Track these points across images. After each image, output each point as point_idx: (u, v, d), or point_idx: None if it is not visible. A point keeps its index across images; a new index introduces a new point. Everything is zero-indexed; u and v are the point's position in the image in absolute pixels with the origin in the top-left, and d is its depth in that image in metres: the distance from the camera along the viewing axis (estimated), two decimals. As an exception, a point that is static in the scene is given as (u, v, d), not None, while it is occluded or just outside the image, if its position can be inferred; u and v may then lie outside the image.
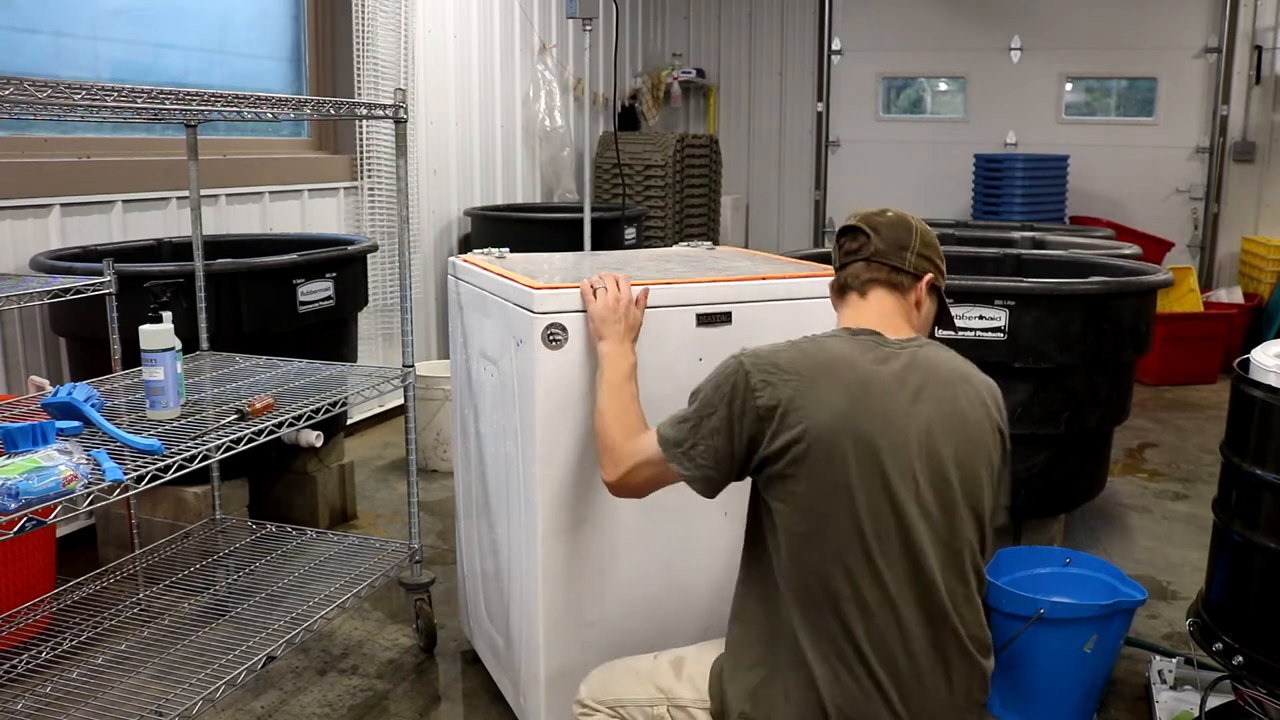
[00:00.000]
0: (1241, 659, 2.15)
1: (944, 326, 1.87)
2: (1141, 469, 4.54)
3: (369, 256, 3.87)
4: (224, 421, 2.21)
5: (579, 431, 2.11)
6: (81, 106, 2.13)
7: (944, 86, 7.92)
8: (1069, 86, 7.41)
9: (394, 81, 4.68)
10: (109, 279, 2.63)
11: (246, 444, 2.15)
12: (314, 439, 3.47)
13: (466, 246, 5.52)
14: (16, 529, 1.63)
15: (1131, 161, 7.16)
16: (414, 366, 2.78)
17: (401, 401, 2.86)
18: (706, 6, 8.15)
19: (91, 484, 1.77)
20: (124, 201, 3.67)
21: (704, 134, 7.47)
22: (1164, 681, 2.54)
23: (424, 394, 4.20)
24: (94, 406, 2.11)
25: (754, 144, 8.17)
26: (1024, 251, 4.28)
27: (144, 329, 2.26)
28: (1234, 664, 2.17)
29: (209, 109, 2.39)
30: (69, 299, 2.55)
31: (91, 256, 3.29)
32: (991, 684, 1.74)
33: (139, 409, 2.29)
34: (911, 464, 1.60)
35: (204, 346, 2.99)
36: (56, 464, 1.71)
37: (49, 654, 2.37)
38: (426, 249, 5.29)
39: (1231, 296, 6.61)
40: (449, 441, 4.15)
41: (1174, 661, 2.57)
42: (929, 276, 1.78)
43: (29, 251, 3.31)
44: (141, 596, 2.68)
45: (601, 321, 2.01)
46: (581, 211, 4.60)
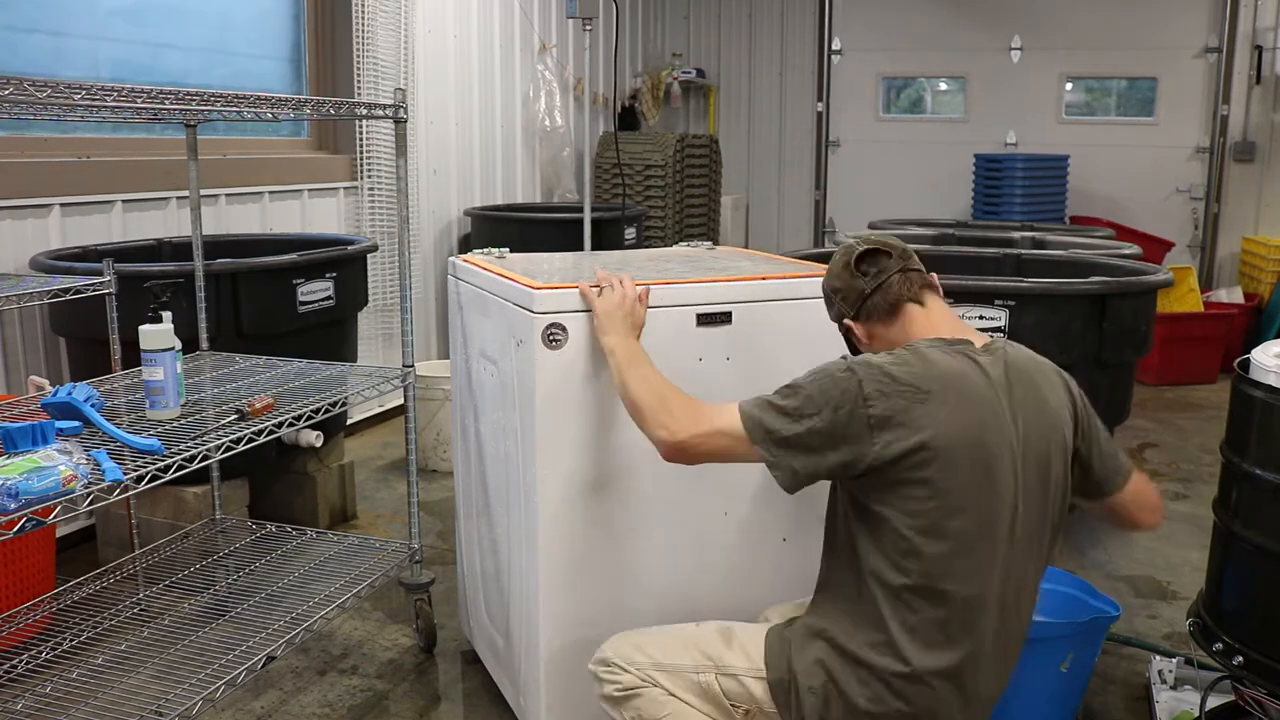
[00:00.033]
0: (1241, 659, 2.15)
1: None
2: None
3: (369, 256, 3.87)
4: (224, 421, 2.21)
5: (579, 431, 2.11)
6: (81, 106, 2.13)
7: (944, 86, 7.92)
8: (1069, 86, 7.41)
9: (394, 81, 4.68)
10: (109, 279, 2.63)
11: (246, 444, 2.14)
12: (314, 439, 3.47)
13: (466, 246, 5.51)
14: (16, 529, 1.63)
15: (1131, 161, 7.16)
16: (414, 366, 2.78)
17: (401, 401, 2.86)
18: (706, 6, 8.15)
19: (91, 484, 1.77)
20: (124, 201, 3.67)
21: (704, 134, 7.47)
22: (1164, 681, 2.54)
23: (424, 394, 4.20)
24: (94, 406, 2.11)
25: (754, 144, 8.17)
26: (1024, 251, 4.28)
27: (144, 329, 2.26)
28: (1234, 664, 2.17)
29: (209, 109, 2.38)
30: (69, 299, 2.55)
31: (91, 256, 3.29)
32: None
33: (139, 409, 2.29)
34: (1019, 469, 1.67)
35: (204, 346, 2.99)
36: (56, 464, 1.71)
37: (49, 654, 2.37)
38: (426, 249, 5.29)
39: (1231, 296, 6.61)
40: (449, 441, 4.15)
41: (1174, 661, 2.57)
42: (934, 274, 1.87)
43: (29, 251, 3.31)
44: (141, 596, 2.68)
45: (607, 317, 2.00)
46: (581, 211, 4.60)
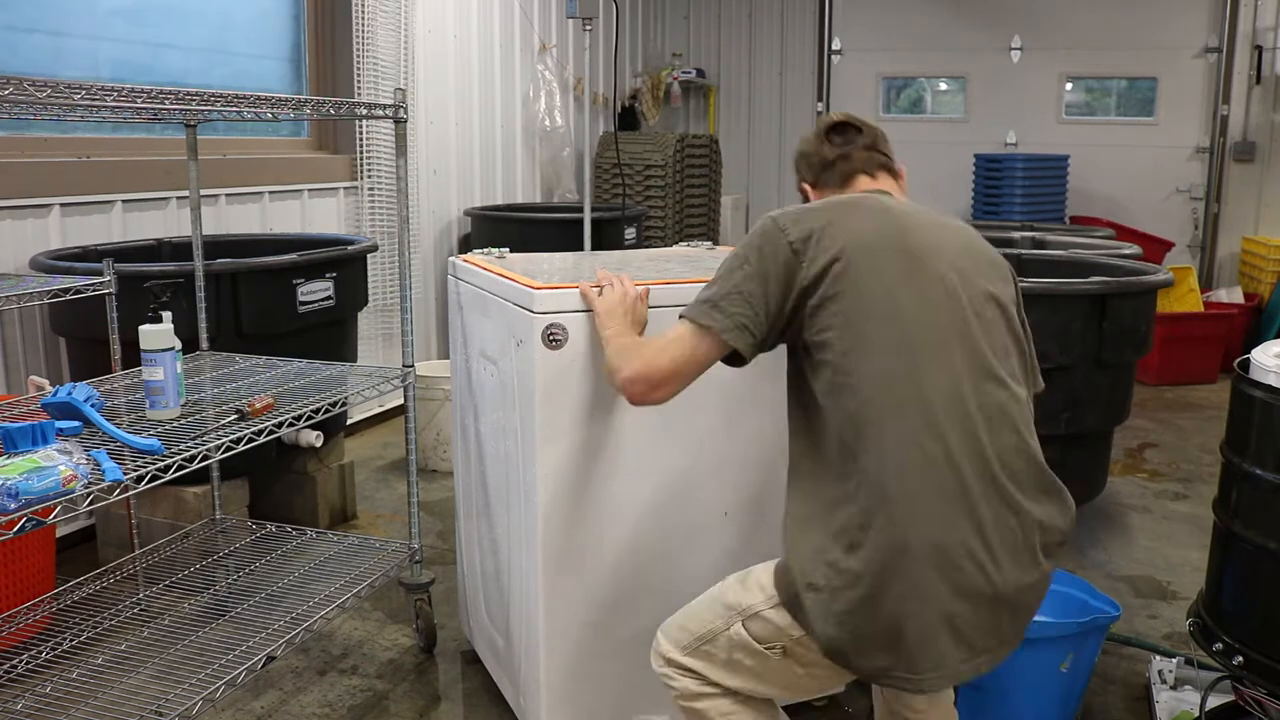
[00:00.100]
0: (1241, 659, 2.15)
1: None
2: (1141, 469, 4.54)
3: (369, 256, 3.87)
4: (224, 421, 2.21)
5: (579, 431, 2.11)
6: (81, 106, 2.13)
7: (944, 86, 7.92)
8: (1069, 86, 7.41)
9: (394, 81, 4.68)
10: (109, 279, 2.63)
11: (246, 444, 2.14)
12: (314, 439, 3.47)
13: (466, 246, 5.51)
14: (16, 529, 1.63)
15: (1131, 161, 7.16)
16: (414, 366, 2.78)
17: (401, 401, 2.86)
18: (706, 6, 8.15)
19: (91, 484, 1.76)
20: (124, 201, 3.67)
21: (704, 134, 7.47)
22: (1164, 681, 2.54)
23: (424, 394, 4.20)
24: (94, 406, 2.11)
25: (754, 144, 8.17)
26: (1024, 251, 4.28)
27: (144, 329, 2.26)
28: (1234, 664, 2.17)
29: (209, 109, 2.38)
30: (69, 299, 2.55)
31: (91, 256, 3.29)
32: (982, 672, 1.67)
33: (139, 409, 2.29)
34: (955, 277, 1.68)
35: (204, 346, 2.99)
36: (56, 464, 1.71)
37: (49, 654, 2.37)
38: (426, 249, 5.29)
39: (1231, 296, 6.61)
40: (449, 441, 4.15)
41: (1174, 661, 2.57)
42: (904, 167, 1.98)
43: (29, 251, 3.31)
44: (141, 596, 2.68)
45: (609, 314, 2.00)
46: (581, 211, 4.60)
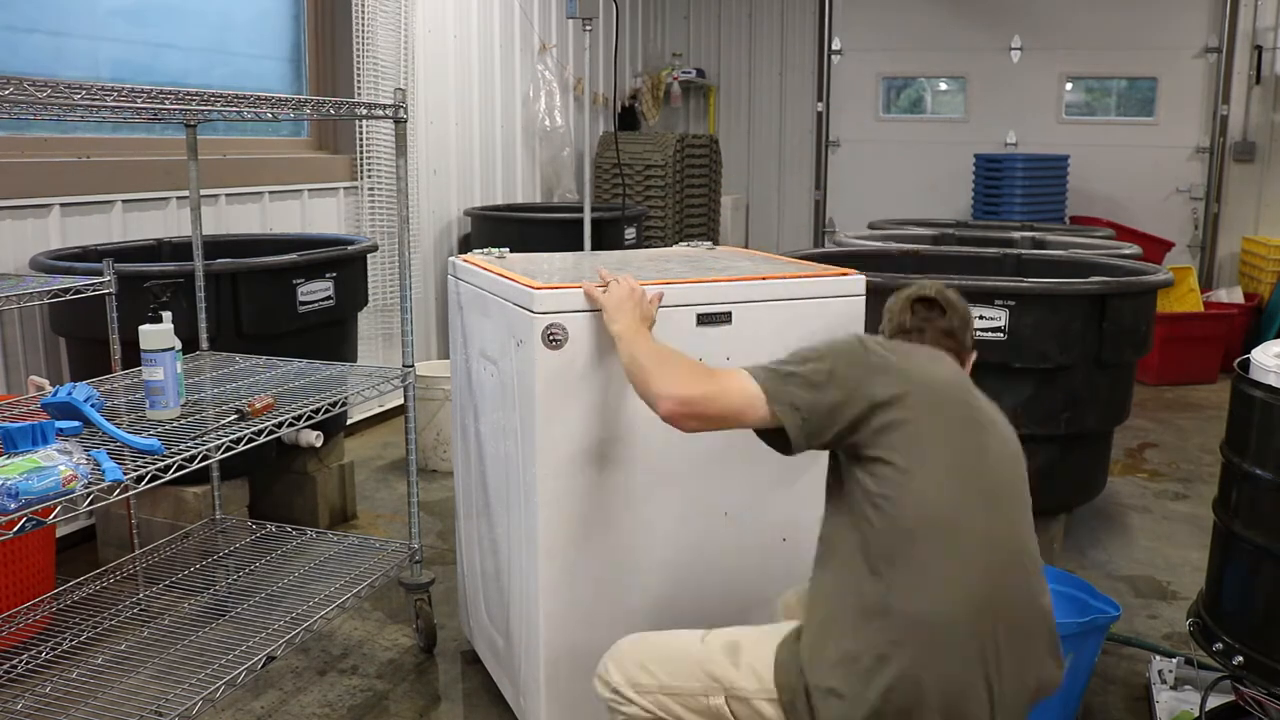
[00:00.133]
0: (1241, 659, 2.15)
1: None
2: (1141, 469, 4.54)
3: (369, 256, 3.87)
4: (224, 421, 2.21)
5: (579, 431, 2.11)
6: (81, 106, 2.13)
7: (944, 86, 7.92)
8: (1069, 86, 7.41)
9: (394, 81, 4.68)
10: (109, 279, 2.63)
11: (246, 444, 2.14)
12: (314, 439, 3.47)
13: (466, 246, 5.51)
14: (16, 529, 1.63)
15: (1131, 161, 7.16)
16: (414, 366, 2.78)
17: (401, 401, 2.86)
18: (706, 6, 8.15)
19: (91, 484, 1.77)
20: (124, 201, 3.67)
21: (704, 134, 7.47)
22: (1164, 681, 2.54)
23: (424, 394, 4.20)
24: (94, 406, 2.11)
25: (754, 144, 8.17)
26: (1024, 251, 4.28)
27: (144, 329, 2.26)
28: (1234, 664, 2.17)
29: (209, 109, 2.39)
30: (69, 299, 2.55)
31: (91, 256, 3.29)
32: None
33: (139, 409, 2.29)
34: (994, 434, 1.73)
35: (204, 346, 2.99)
36: (56, 464, 1.71)
37: (49, 654, 2.37)
38: (426, 249, 5.29)
39: (1231, 296, 6.61)
40: (449, 441, 4.15)
41: (1174, 661, 2.57)
42: (975, 354, 1.93)
43: (29, 251, 3.31)
44: (141, 596, 2.68)
45: (617, 309, 1.99)
46: (581, 211, 4.60)
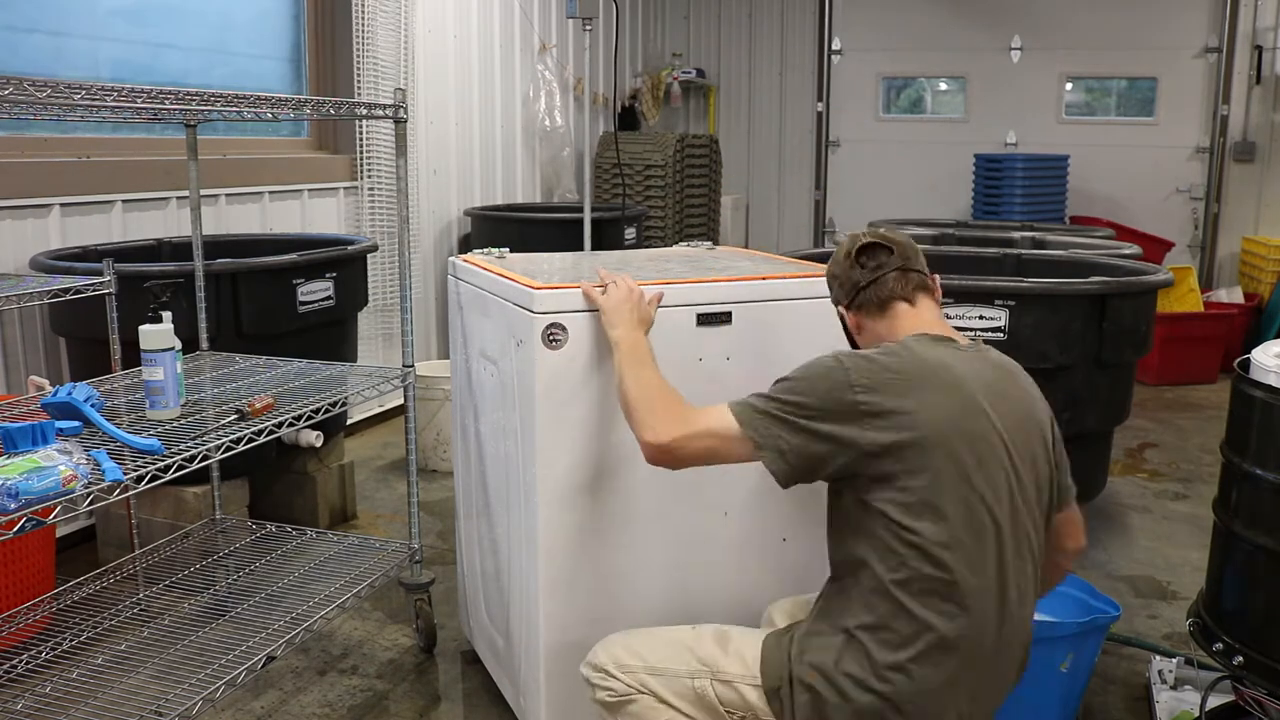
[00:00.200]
0: (1241, 659, 2.15)
1: None
2: (1141, 469, 4.54)
3: (369, 256, 3.87)
4: (224, 421, 2.21)
5: (579, 431, 2.11)
6: (81, 106, 2.13)
7: (944, 86, 7.92)
8: (1069, 86, 7.41)
9: (394, 81, 4.68)
10: (109, 279, 2.63)
11: (246, 444, 2.14)
12: (314, 439, 3.47)
13: (466, 246, 5.51)
14: (16, 529, 1.63)
15: (1131, 161, 7.16)
16: (414, 366, 2.78)
17: (401, 401, 2.86)
18: (706, 6, 8.15)
19: (91, 484, 1.76)
20: (124, 201, 3.67)
21: (704, 134, 7.47)
22: (1164, 681, 2.54)
23: (424, 394, 4.20)
24: (94, 406, 2.11)
25: (754, 144, 8.17)
26: (1024, 251, 4.28)
27: (144, 329, 2.26)
28: (1234, 664, 2.17)
29: (209, 109, 2.38)
30: (69, 299, 2.55)
31: (91, 256, 3.29)
32: None
33: (139, 409, 2.29)
34: (1009, 457, 1.68)
35: (204, 346, 2.99)
36: (56, 464, 1.71)
37: (49, 654, 2.37)
38: (426, 249, 5.29)
39: (1231, 296, 6.61)
40: (449, 441, 4.15)
41: (1174, 661, 2.57)
42: (938, 277, 1.90)
43: (29, 251, 3.31)
44: (141, 596, 2.68)
45: (615, 312, 2.00)
46: (581, 211, 4.60)
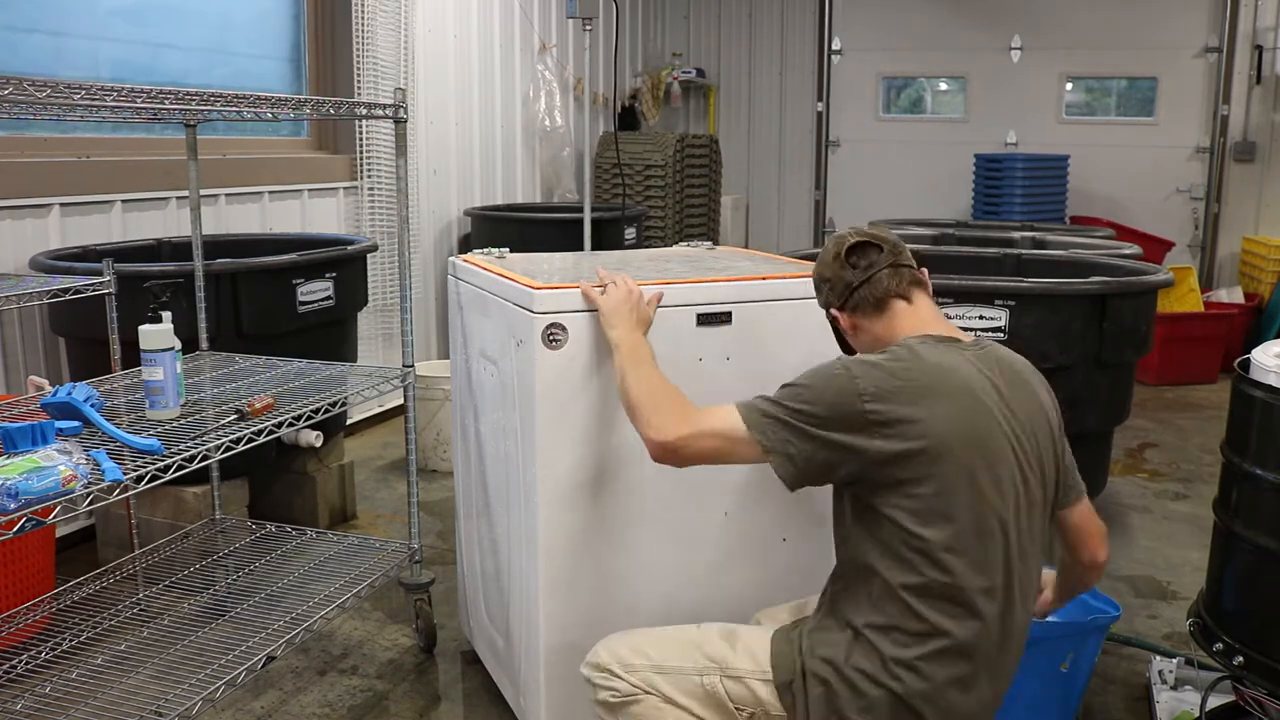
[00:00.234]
0: (1242, 659, 2.15)
1: None
2: (1141, 469, 4.54)
3: (369, 256, 3.87)
4: (224, 421, 2.21)
5: (579, 431, 2.11)
6: (81, 106, 2.13)
7: (944, 86, 7.92)
8: (1069, 86, 7.41)
9: (394, 81, 4.68)
10: (108, 279, 2.63)
11: (246, 444, 2.14)
12: (314, 439, 3.47)
13: (466, 246, 5.51)
14: (16, 529, 1.63)
15: (1132, 161, 7.16)
16: (414, 366, 2.78)
17: (401, 401, 2.86)
18: (706, 6, 8.15)
19: (91, 484, 1.76)
20: (123, 201, 3.67)
21: (704, 134, 7.47)
22: (1164, 681, 2.54)
23: (424, 394, 4.19)
24: (93, 406, 2.10)
25: (754, 144, 8.16)
26: (1024, 251, 4.28)
27: (143, 329, 2.26)
28: (1234, 664, 2.17)
29: (208, 109, 2.39)
30: (69, 299, 2.55)
31: (91, 256, 3.29)
32: None
33: (139, 409, 2.29)
34: (1018, 462, 1.68)
35: (204, 346, 2.99)
36: (56, 464, 1.71)
37: (49, 654, 2.37)
38: (426, 249, 5.29)
39: (1232, 296, 6.61)
40: (449, 441, 4.15)
41: (1174, 661, 2.57)
42: (926, 270, 1.89)
43: (28, 251, 3.31)
44: (141, 596, 2.67)
45: (614, 313, 2.00)
46: (581, 211, 4.60)
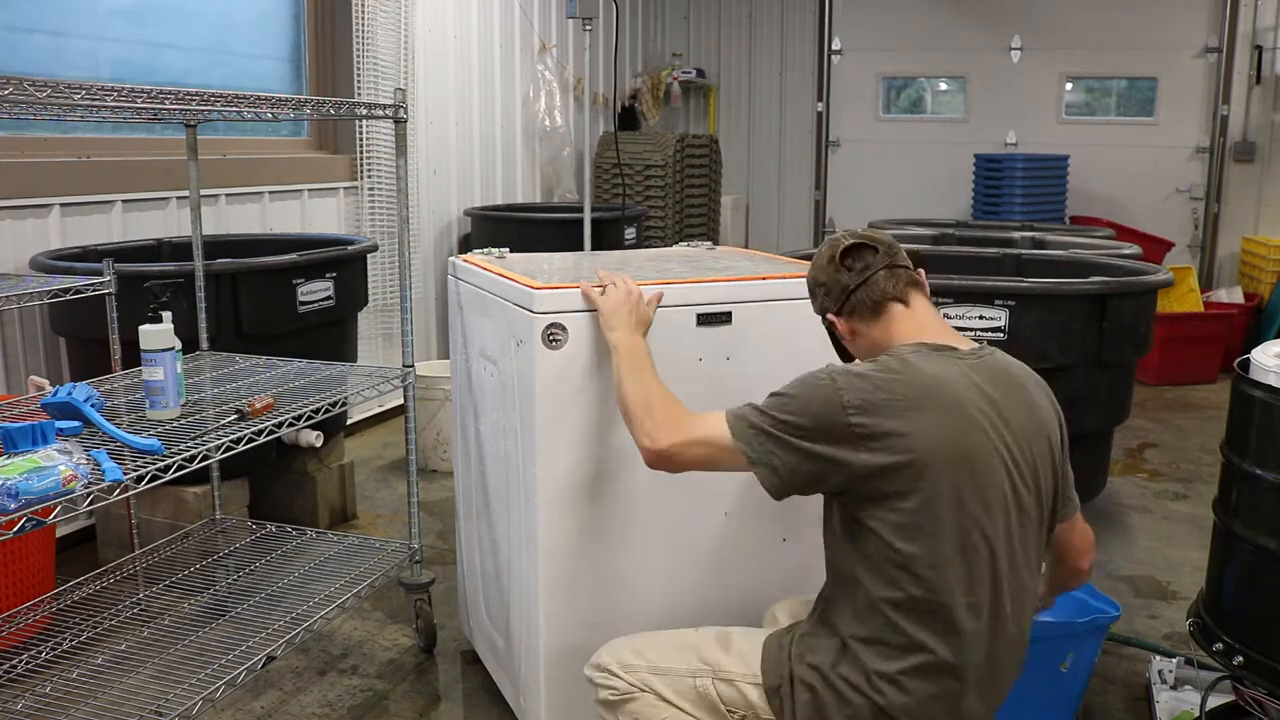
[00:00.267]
0: (1241, 659, 2.15)
1: None
2: (1141, 469, 4.54)
3: (369, 256, 3.87)
4: (224, 421, 2.21)
5: (579, 431, 2.11)
6: (81, 106, 2.13)
7: (944, 86, 7.92)
8: (1069, 86, 7.41)
9: (394, 81, 4.68)
10: (109, 279, 2.63)
11: (246, 444, 2.14)
12: (314, 439, 3.47)
13: (466, 246, 5.51)
14: (16, 529, 1.63)
15: (1131, 161, 7.17)
16: (414, 366, 2.78)
17: (401, 401, 2.86)
18: (706, 6, 8.15)
19: (91, 484, 1.76)
20: (124, 201, 3.67)
21: (704, 134, 7.47)
22: (1164, 681, 2.54)
23: (424, 394, 4.19)
24: (94, 406, 2.10)
25: (754, 144, 8.17)
26: (1024, 251, 4.29)
27: (144, 329, 2.26)
28: (1234, 664, 2.17)
29: (209, 109, 2.38)
30: (69, 299, 2.55)
31: (91, 256, 3.29)
32: None
33: (139, 409, 2.29)
34: (1011, 475, 1.64)
35: (204, 346, 2.99)
36: (56, 464, 1.71)
37: (49, 654, 2.37)
38: (426, 249, 5.29)
39: (1231, 296, 6.61)
40: (449, 441, 4.15)
41: (1174, 661, 2.57)
42: (923, 270, 1.86)
43: (29, 251, 3.31)
44: (141, 596, 2.67)
45: (613, 314, 2.00)
46: (581, 211, 4.60)
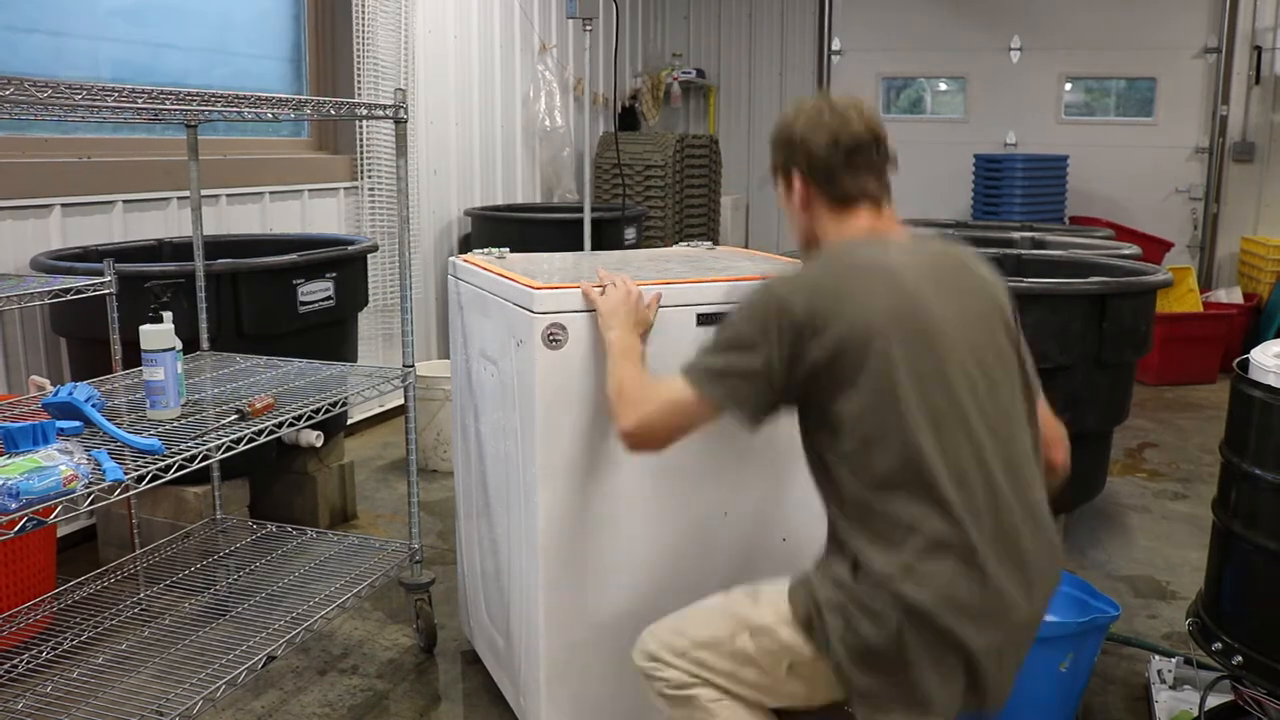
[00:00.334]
0: (1241, 659, 2.16)
1: None
2: (1141, 469, 4.54)
3: (369, 256, 3.87)
4: (224, 421, 2.21)
5: (579, 431, 2.11)
6: (82, 106, 2.13)
7: (944, 86, 7.92)
8: (1069, 86, 7.41)
9: (394, 81, 4.68)
10: (109, 279, 2.63)
11: (246, 444, 2.15)
12: (314, 439, 3.47)
13: (466, 246, 5.51)
14: (17, 529, 1.63)
15: (1131, 161, 7.16)
16: (414, 366, 2.78)
17: (401, 401, 2.87)
18: (706, 6, 8.15)
19: (92, 484, 1.77)
20: (124, 201, 3.67)
21: (704, 134, 7.47)
22: (1164, 681, 2.54)
23: (424, 394, 4.20)
24: (94, 406, 2.11)
25: (754, 144, 8.16)
26: (1024, 251, 4.28)
27: (144, 329, 2.26)
28: (1233, 664, 2.17)
29: (209, 109, 2.39)
30: (69, 299, 2.55)
31: (92, 256, 3.29)
32: None
33: (139, 409, 2.29)
34: (964, 337, 1.65)
35: (204, 346, 2.99)
36: (57, 464, 1.71)
37: (49, 654, 2.37)
38: (426, 249, 5.30)
39: (1231, 296, 6.61)
40: (449, 441, 4.15)
41: (1174, 661, 2.57)
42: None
43: (29, 251, 3.31)
44: (142, 596, 2.68)
45: (611, 314, 2.00)
46: (581, 211, 4.60)
